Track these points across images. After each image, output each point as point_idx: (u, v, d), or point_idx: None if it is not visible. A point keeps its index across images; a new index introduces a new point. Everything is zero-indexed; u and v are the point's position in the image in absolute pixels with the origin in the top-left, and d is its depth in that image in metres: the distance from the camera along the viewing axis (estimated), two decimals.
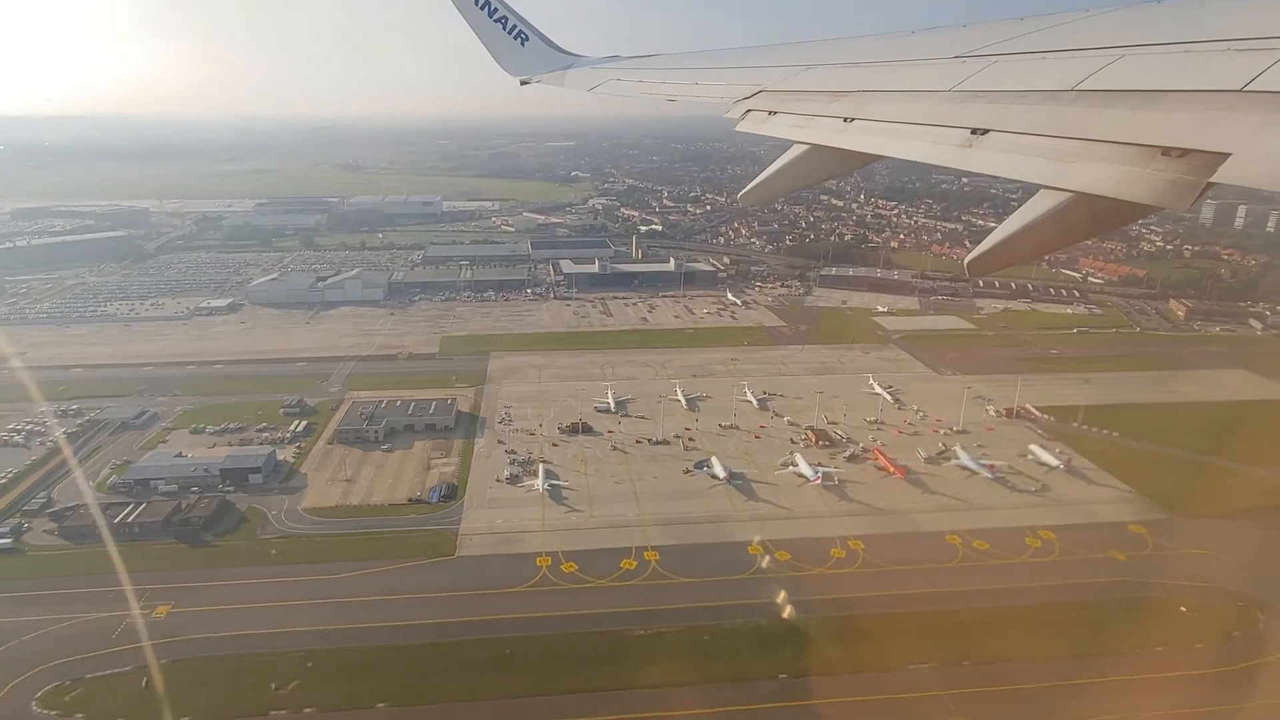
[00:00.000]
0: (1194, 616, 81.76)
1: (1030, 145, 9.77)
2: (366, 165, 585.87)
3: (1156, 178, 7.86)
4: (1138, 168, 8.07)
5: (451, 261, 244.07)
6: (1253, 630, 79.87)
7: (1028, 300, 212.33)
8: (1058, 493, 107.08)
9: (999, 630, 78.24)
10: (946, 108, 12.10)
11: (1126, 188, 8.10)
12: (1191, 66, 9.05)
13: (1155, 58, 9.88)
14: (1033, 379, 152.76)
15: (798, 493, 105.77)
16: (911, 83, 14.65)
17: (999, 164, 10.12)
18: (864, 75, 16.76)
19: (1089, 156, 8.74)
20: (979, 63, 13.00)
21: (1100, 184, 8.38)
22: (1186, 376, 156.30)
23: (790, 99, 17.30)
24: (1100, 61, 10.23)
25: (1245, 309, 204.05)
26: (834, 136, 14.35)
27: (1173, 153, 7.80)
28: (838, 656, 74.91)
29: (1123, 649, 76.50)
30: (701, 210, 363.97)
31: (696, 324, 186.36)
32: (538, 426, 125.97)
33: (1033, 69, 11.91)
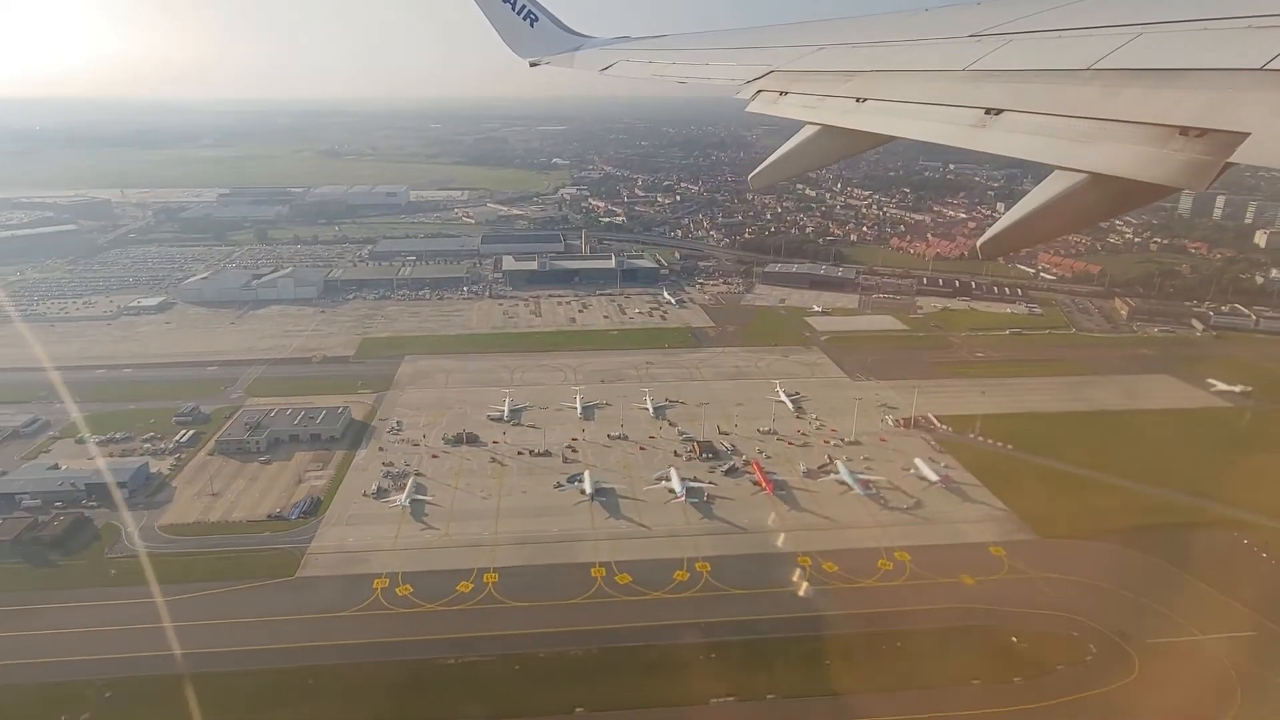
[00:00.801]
0: (1022, 648, 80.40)
1: (1045, 125, 9.73)
2: (348, 151, 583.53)
3: (1174, 158, 7.83)
4: (1154, 148, 8.05)
5: (400, 257, 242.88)
6: (1078, 665, 78.47)
7: (969, 299, 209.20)
8: (929, 510, 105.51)
9: (803, 662, 77.08)
10: (960, 87, 12.11)
11: (1143, 168, 8.07)
12: (1210, 44, 9.05)
13: (1173, 35, 9.82)
14: (947, 384, 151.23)
15: (662, 509, 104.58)
16: (924, 62, 14.62)
17: (1012, 145, 10.11)
18: (876, 55, 16.72)
19: (1105, 137, 8.74)
20: (993, 41, 12.95)
21: (1116, 165, 8.37)
22: (1107, 382, 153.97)
23: (801, 79, 17.40)
24: (1117, 40, 10.17)
25: (1190, 309, 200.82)
26: (845, 117, 14.36)
27: (1190, 132, 7.77)
28: (633, 690, 73.99)
29: (932, 682, 75.32)
30: (670, 200, 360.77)
31: (623, 325, 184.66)
32: (423, 437, 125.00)
33: (1048, 48, 11.84)
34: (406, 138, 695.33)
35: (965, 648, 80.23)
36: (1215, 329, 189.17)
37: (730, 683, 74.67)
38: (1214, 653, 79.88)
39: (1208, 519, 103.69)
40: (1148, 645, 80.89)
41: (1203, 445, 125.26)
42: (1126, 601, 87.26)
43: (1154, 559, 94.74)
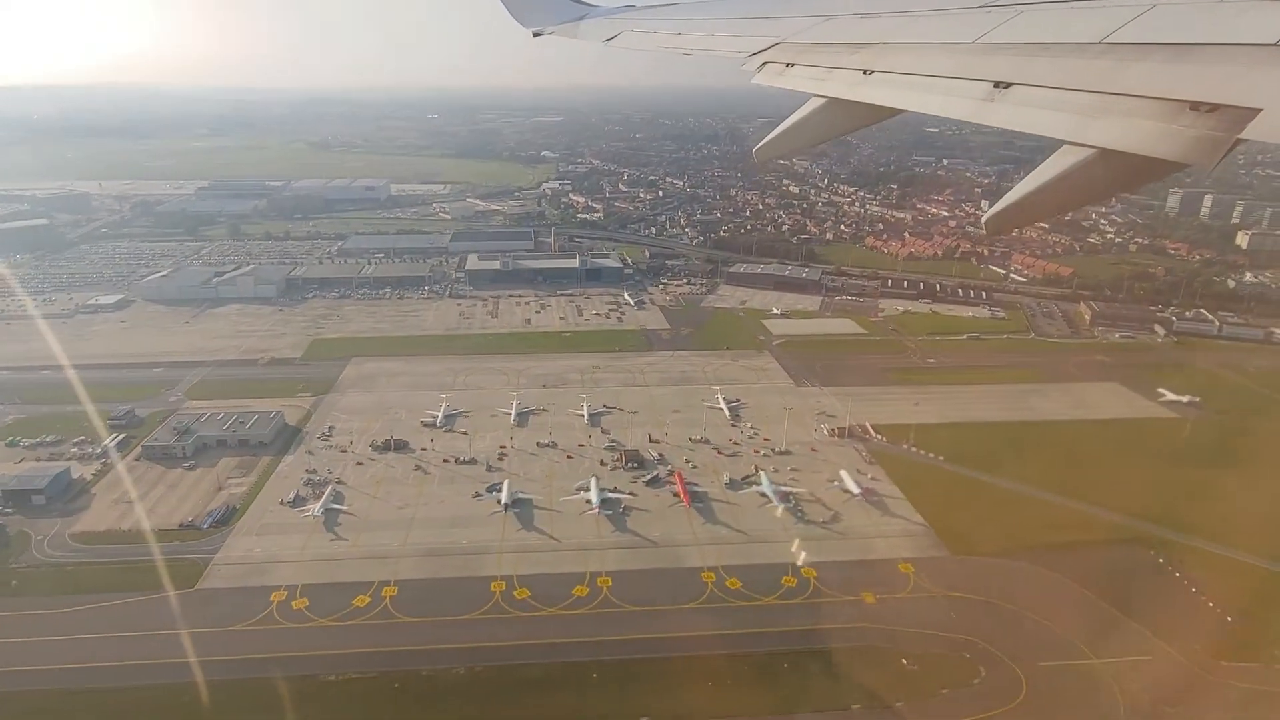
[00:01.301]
0: (911, 670, 79.74)
1: (1054, 99, 9.66)
2: (340, 143, 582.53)
3: (1184, 133, 7.76)
4: (1164, 123, 7.99)
5: (368, 254, 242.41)
6: (964, 689, 77.81)
7: (933, 301, 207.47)
8: (846, 524, 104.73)
9: (678, 685, 76.55)
10: (969, 60, 12.04)
11: (1152, 144, 8.01)
12: (1224, 19, 8.99)
13: (1186, 9, 9.80)
14: (893, 392, 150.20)
15: (576, 521, 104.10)
16: (933, 34, 14.55)
17: (1021, 119, 10.00)
18: (885, 26, 16.63)
19: (1115, 111, 8.67)
20: (1004, 13, 12.79)
21: (1125, 140, 8.32)
22: (1054, 390, 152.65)
23: (809, 51, 17.27)
24: (1130, 13, 10.06)
25: (1154, 314, 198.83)
26: (853, 89, 14.31)
27: (1201, 107, 7.71)
28: (506, 711, 73.72)
29: (811, 707, 74.80)
30: (652, 196, 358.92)
31: (577, 327, 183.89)
32: (350, 443, 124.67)
33: (1059, 20, 11.75)
34: (401, 129, 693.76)
35: (853, 670, 79.62)
36: (1177, 335, 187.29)
37: (602, 706, 74.29)
38: (1104, 678, 79.07)
39: (1128, 536, 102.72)
40: (1039, 668, 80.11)
41: (1137, 459, 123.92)
42: (1027, 623, 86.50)
43: (1064, 578, 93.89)
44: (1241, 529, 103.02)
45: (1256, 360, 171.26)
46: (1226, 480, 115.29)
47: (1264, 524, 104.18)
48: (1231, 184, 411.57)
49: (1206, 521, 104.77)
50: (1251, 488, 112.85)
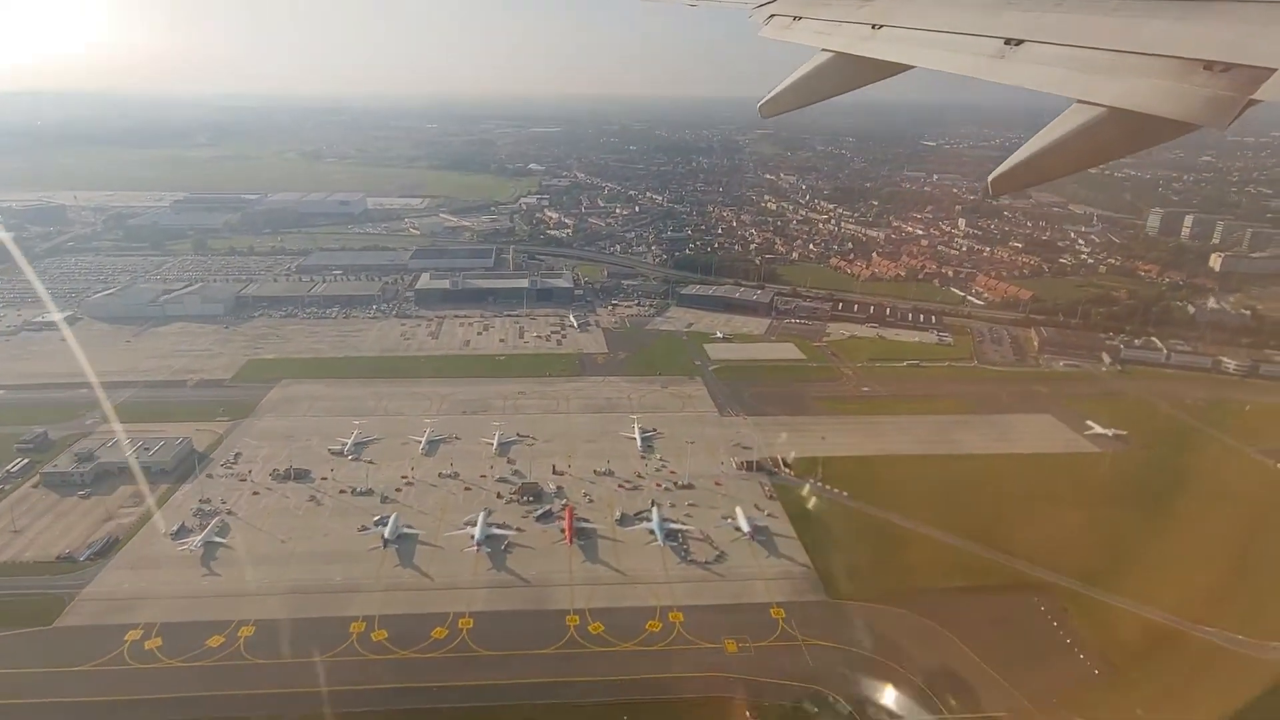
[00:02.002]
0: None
1: (1065, 57, 9.60)
2: (332, 153, 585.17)
3: (1196, 93, 7.71)
4: (1177, 82, 7.95)
5: (326, 271, 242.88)
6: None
7: (881, 325, 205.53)
8: (728, 565, 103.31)
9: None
10: (979, 16, 11.94)
11: (1164, 103, 7.94)
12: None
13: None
14: (817, 422, 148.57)
15: (456, 557, 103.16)
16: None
17: (1031, 76, 9.95)
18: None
19: (1127, 70, 8.63)
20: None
21: (1137, 99, 8.24)
22: (982, 422, 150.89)
23: (816, 4, 17.06)
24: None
25: (1103, 340, 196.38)
26: (859, 44, 14.11)
27: (1215, 67, 7.66)
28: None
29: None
30: (628, 212, 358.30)
31: (515, 350, 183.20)
32: (249, 471, 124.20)
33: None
34: (397, 139, 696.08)
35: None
36: (1124, 363, 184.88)
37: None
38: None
39: (1015, 582, 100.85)
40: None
41: (1046, 497, 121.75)
42: (886, 673, 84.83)
43: (937, 626, 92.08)
44: (1133, 576, 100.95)
45: (1199, 391, 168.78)
46: (1129, 523, 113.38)
47: (1155, 571, 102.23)
48: (1220, 202, 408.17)
49: (1099, 567, 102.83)
50: (1153, 532, 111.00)
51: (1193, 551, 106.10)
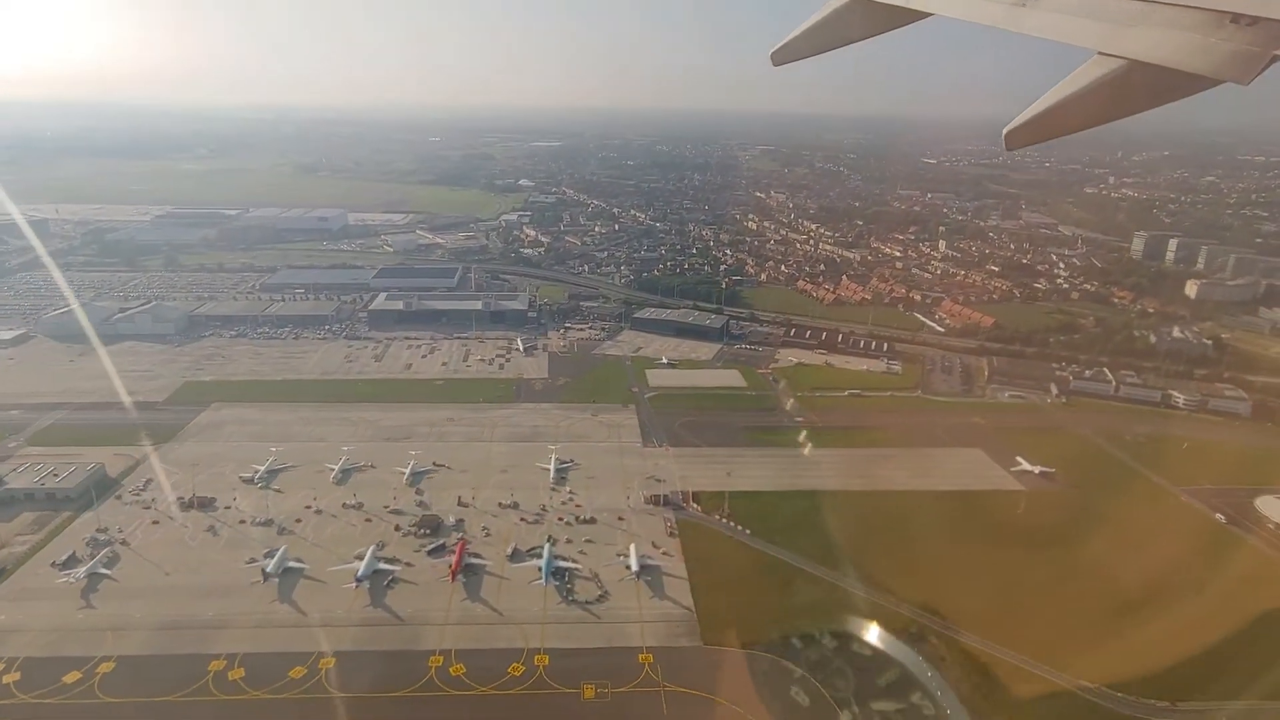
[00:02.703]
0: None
1: (1088, 7, 9.41)
2: (328, 166, 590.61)
3: (1220, 47, 7.56)
4: (1201, 35, 7.79)
5: (289, 290, 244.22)
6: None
7: (831, 352, 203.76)
8: (610, 605, 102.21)
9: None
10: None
11: (1186, 57, 7.78)
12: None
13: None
14: (741, 454, 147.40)
15: (336, 594, 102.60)
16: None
17: (1053, 26, 9.77)
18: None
19: (1150, 21, 8.44)
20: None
21: (1159, 51, 8.08)
22: (911, 456, 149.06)
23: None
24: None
25: (1053, 371, 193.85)
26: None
27: (1242, 20, 7.51)
28: None
29: None
30: (606, 230, 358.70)
31: (455, 374, 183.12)
32: (153, 500, 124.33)
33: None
34: (397, 152, 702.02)
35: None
36: (1072, 394, 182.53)
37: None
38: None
39: (894, 626, 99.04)
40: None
41: (951, 538, 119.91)
42: None
43: (804, 673, 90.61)
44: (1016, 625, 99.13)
45: (1141, 426, 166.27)
46: (1027, 566, 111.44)
47: (1037, 620, 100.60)
48: (1212, 225, 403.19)
49: (988, 613, 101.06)
50: (1049, 578, 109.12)
51: (1083, 601, 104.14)
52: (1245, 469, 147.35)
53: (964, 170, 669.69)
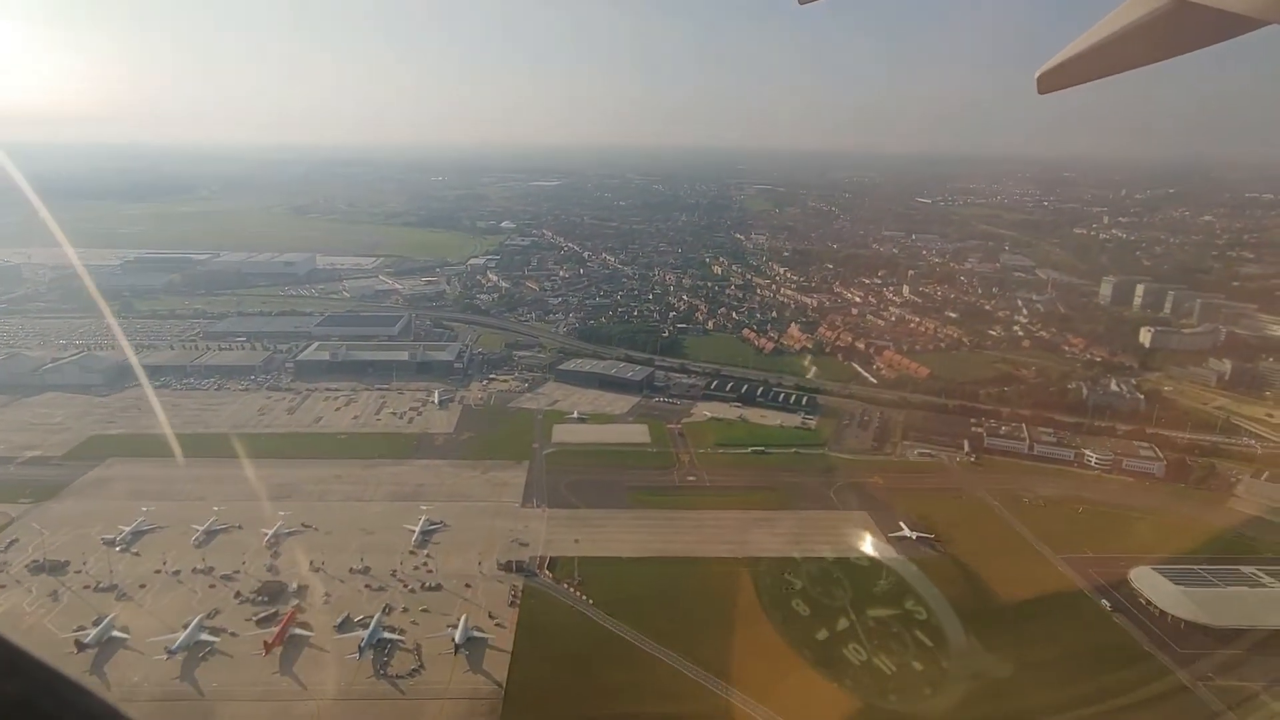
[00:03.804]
0: None
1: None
2: (321, 208, 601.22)
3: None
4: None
5: (231, 338, 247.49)
6: None
7: (748, 405, 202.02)
8: (421, 680, 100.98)
9: None
10: None
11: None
12: None
13: None
14: (614, 516, 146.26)
15: (148, 665, 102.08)
16: None
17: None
18: None
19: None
20: None
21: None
22: (791, 519, 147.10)
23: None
24: None
25: (969, 426, 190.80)
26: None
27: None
28: None
29: None
30: (570, 275, 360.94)
31: (361, 429, 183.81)
32: (5, 563, 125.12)
33: None
34: (394, 192, 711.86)
35: None
36: (985, 452, 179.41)
37: None
38: None
39: (704, 710, 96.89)
40: None
41: (800, 611, 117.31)
42: None
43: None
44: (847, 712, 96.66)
45: (1045, 487, 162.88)
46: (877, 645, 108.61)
47: (865, 707, 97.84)
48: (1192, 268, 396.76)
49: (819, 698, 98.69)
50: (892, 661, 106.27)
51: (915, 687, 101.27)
52: (1133, 536, 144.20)
53: (956, 210, 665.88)
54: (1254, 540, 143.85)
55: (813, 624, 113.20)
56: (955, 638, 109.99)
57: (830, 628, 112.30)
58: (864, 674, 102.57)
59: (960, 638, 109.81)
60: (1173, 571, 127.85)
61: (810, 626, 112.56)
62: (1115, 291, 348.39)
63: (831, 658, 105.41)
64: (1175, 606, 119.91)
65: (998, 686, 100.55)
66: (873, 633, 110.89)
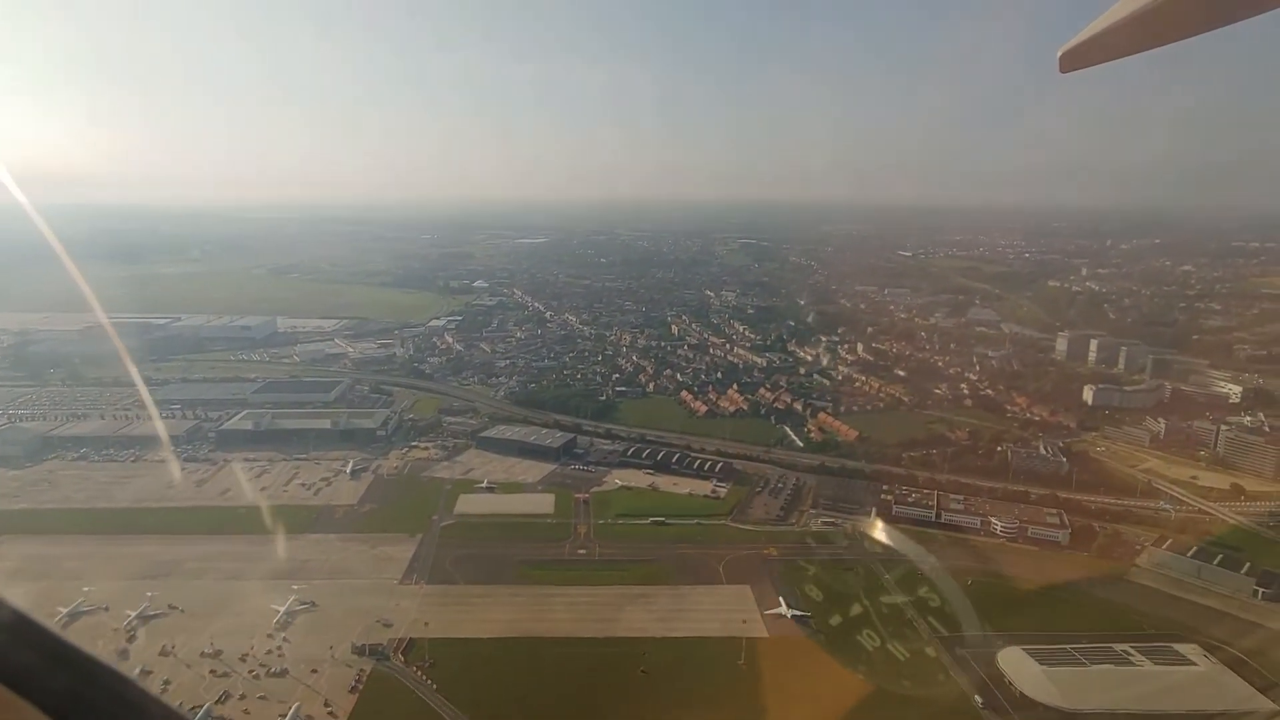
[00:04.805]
0: None
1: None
2: (302, 269, 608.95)
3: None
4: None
5: (168, 405, 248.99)
6: None
7: (662, 473, 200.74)
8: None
9: None
10: None
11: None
12: None
13: None
14: (491, 594, 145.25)
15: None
16: None
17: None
18: None
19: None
20: None
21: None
22: (671, 595, 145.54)
23: None
24: None
25: (878, 493, 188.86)
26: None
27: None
28: None
29: None
30: (527, 335, 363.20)
31: (266, 501, 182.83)
32: None
33: None
34: (379, 251, 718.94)
35: None
36: (890, 520, 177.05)
37: None
38: None
39: None
40: None
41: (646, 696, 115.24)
42: None
43: None
44: None
45: (945, 557, 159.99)
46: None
47: None
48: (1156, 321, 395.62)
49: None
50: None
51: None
52: (1017, 611, 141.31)
53: (936, 263, 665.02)
54: (1142, 615, 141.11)
55: (653, 713, 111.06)
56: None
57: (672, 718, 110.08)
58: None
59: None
60: (1042, 651, 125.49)
61: (650, 716, 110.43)
62: (1070, 347, 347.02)
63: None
64: (1036, 689, 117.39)
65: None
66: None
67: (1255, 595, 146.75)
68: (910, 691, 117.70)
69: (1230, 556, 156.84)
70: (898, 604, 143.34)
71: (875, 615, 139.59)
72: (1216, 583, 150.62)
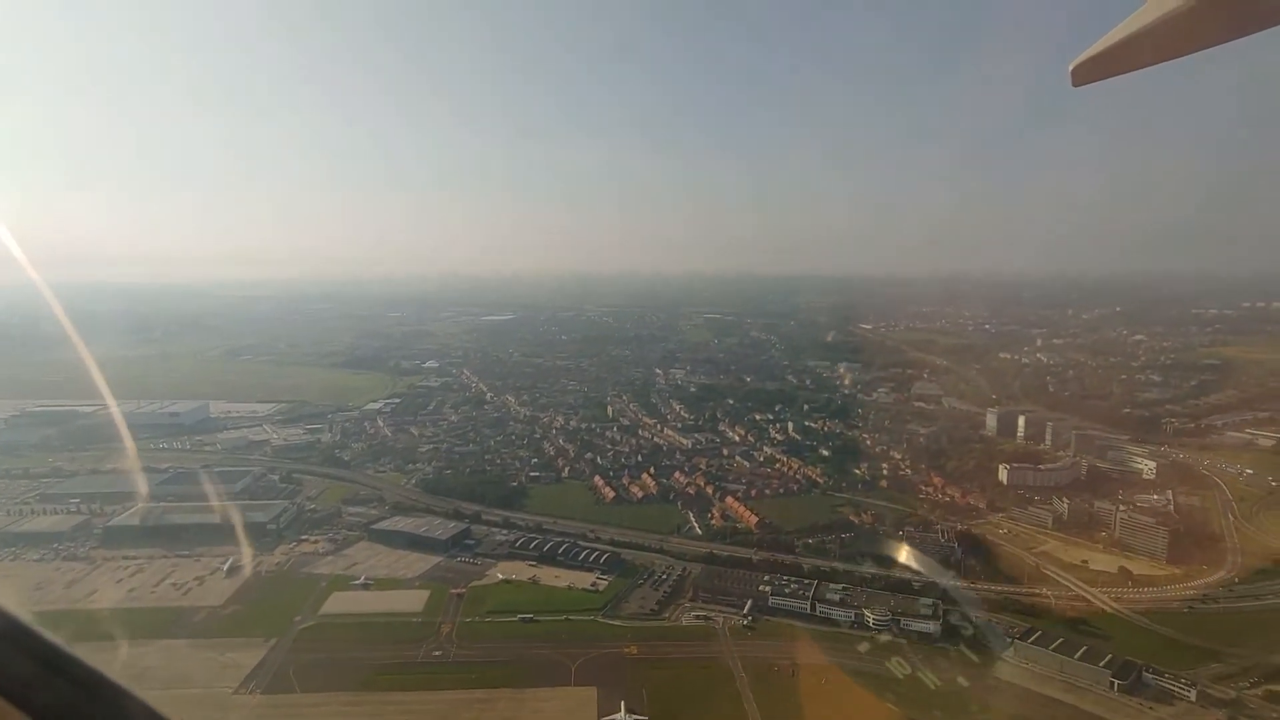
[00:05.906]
0: None
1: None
2: (255, 350, 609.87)
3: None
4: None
5: (68, 500, 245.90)
6: None
7: (547, 564, 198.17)
8: None
9: None
10: None
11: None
12: None
13: None
14: (326, 702, 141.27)
15: None
16: None
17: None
18: None
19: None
20: None
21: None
22: (510, 699, 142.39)
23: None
24: None
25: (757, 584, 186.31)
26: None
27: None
28: None
29: None
30: (460, 418, 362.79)
31: (131, 603, 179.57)
32: None
33: None
34: (343, 330, 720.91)
35: None
36: (765, 613, 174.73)
37: None
38: None
39: None
40: None
41: None
42: None
43: None
44: None
45: (809, 654, 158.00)
46: None
47: None
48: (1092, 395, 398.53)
49: None
50: None
51: None
52: (866, 714, 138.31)
53: (895, 336, 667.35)
54: (992, 710, 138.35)
55: None
56: None
57: None
58: None
59: None
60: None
61: None
62: (1000, 423, 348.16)
63: None
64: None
65: None
66: None
67: (1111, 687, 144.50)
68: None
69: (1094, 647, 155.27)
70: (742, 705, 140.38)
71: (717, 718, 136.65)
72: (1076, 675, 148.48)
